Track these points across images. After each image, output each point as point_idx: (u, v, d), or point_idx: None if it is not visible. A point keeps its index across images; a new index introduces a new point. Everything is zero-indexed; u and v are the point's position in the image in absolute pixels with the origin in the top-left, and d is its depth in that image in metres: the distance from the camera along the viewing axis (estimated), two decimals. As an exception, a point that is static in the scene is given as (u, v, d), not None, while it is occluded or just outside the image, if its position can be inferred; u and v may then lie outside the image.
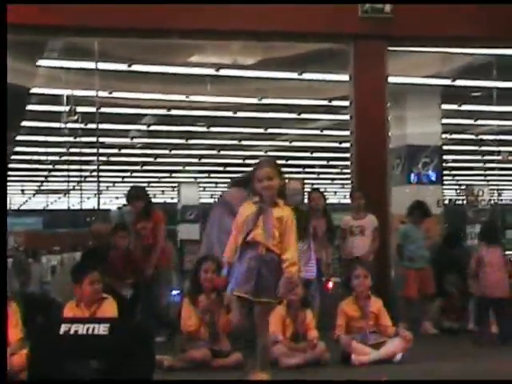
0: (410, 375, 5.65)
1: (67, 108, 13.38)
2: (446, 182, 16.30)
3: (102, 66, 11.00)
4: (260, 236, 5.04)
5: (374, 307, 6.53)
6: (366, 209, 8.55)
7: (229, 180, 31.25)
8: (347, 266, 7.66)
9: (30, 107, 14.29)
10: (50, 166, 23.63)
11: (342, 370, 6.01)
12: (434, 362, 6.31)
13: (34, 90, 13.26)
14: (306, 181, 21.67)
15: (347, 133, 10.05)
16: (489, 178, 22.74)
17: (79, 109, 13.41)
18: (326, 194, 9.65)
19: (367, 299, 6.53)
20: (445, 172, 16.03)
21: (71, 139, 16.18)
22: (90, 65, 10.99)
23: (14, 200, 30.84)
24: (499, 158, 17.70)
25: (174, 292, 12.23)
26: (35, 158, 21.19)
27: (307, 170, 26.00)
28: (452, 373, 5.82)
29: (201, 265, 6.38)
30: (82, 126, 14.58)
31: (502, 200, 22.44)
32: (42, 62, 11.40)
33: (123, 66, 11.51)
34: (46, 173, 26.05)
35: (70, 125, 14.34)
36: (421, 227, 8.88)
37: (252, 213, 5.11)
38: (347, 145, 10.16)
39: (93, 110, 12.55)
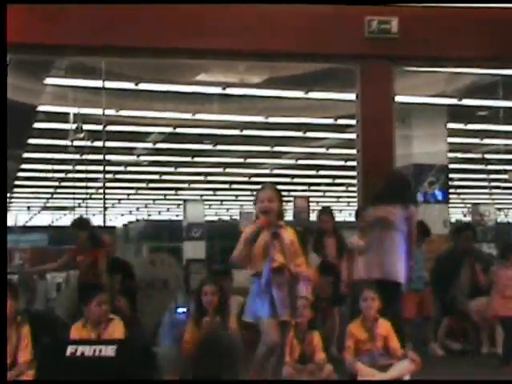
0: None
1: (74, 126, 13.43)
2: (452, 201, 16.27)
3: (108, 84, 11.05)
4: (283, 261, 5.30)
5: (382, 329, 6.49)
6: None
7: (234, 197, 31.44)
8: (356, 287, 7.55)
9: (36, 125, 14.35)
10: (56, 183, 23.68)
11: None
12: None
13: (40, 108, 13.32)
14: (311, 199, 21.76)
15: (353, 151, 10.05)
16: (495, 196, 22.73)
17: (86, 126, 13.46)
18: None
19: (375, 321, 6.50)
20: (451, 191, 16.02)
21: (77, 157, 16.24)
22: (97, 83, 11.04)
23: (20, 217, 30.86)
24: (505, 176, 17.68)
25: (180, 310, 12.21)
26: (41, 175, 21.23)
27: (313, 187, 26.01)
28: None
29: (201, 288, 6.38)
30: (89, 143, 14.63)
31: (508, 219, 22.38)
32: (49, 81, 11.46)
33: (130, 85, 11.56)
34: (52, 190, 26.11)
35: (76, 142, 14.39)
36: (421, 248, 8.74)
37: (266, 237, 5.30)
38: (353, 163, 10.16)
39: (99, 127, 12.60)
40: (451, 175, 16.26)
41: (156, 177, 24.58)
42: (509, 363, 7.03)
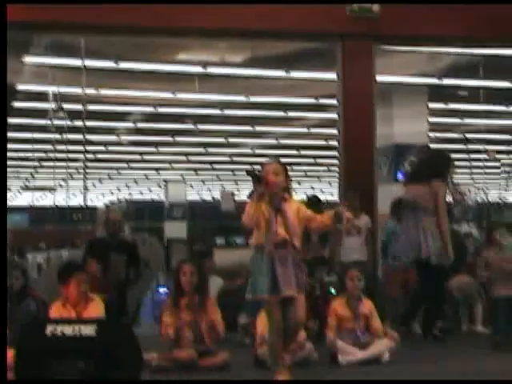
0: (397, 375, 5.66)
1: (53, 105, 13.32)
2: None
3: (88, 63, 10.96)
4: (285, 235, 5.26)
5: (365, 308, 6.54)
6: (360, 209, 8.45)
7: (215, 177, 31.37)
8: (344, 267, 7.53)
9: (15, 104, 14.22)
10: (37, 163, 23.54)
11: (328, 369, 6.01)
12: (422, 363, 6.32)
13: (19, 87, 13.19)
14: (293, 179, 21.71)
15: (334, 131, 10.05)
16: (475, 176, 22.84)
17: (66, 106, 13.36)
18: (312, 191, 9.58)
19: (359, 300, 6.55)
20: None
21: (58, 136, 16.12)
22: (77, 62, 10.96)
23: None
24: (486, 156, 17.79)
25: (161, 290, 12.24)
26: (21, 155, 21.09)
27: (294, 167, 26.02)
28: (439, 373, 5.83)
29: (180, 267, 6.34)
30: (69, 123, 14.52)
31: (488, 198, 22.50)
32: (27, 59, 11.34)
33: (110, 64, 11.47)
34: (32, 170, 25.95)
35: (56, 122, 14.28)
36: None
37: (269, 212, 5.25)
38: (334, 143, 10.17)
39: (79, 107, 12.51)
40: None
41: (137, 157, 24.50)
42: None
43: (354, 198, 8.43)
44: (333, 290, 7.83)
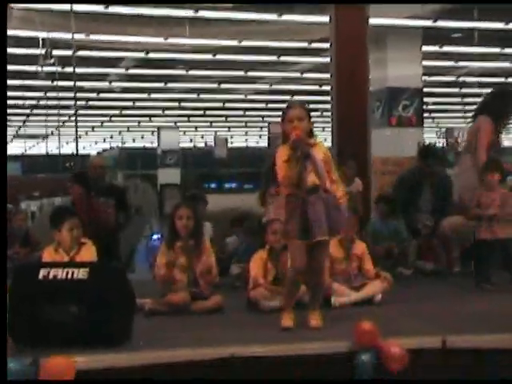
0: (389, 316, 5.70)
1: (43, 51, 13.16)
2: (426, 125, 16.30)
3: (77, 7, 10.79)
4: (317, 181, 5.23)
5: (358, 250, 6.55)
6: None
7: (208, 124, 31.24)
8: None
9: (5, 50, 14.02)
10: (28, 111, 23.37)
11: (322, 311, 6.04)
12: (414, 303, 6.36)
13: (8, 33, 12.98)
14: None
15: (328, 75, 9.96)
16: (469, 120, 22.77)
17: (56, 52, 13.19)
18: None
19: (352, 242, 6.55)
20: (425, 115, 16.03)
21: (49, 83, 15.97)
22: (66, 6, 10.78)
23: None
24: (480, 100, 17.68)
25: (155, 236, 12.27)
26: (12, 102, 20.91)
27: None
28: (431, 313, 5.87)
29: (175, 211, 6.29)
30: (59, 69, 14.37)
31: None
32: (15, 4, 11.14)
33: (100, 8, 11.30)
34: (23, 117, 25.78)
35: (46, 68, 14.12)
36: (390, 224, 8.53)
37: (297, 158, 5.18)
38: (328, 88, 10.09)
39: (69, 53, 12.35)
40: (426, 99, 16.25)
41: (129, 104, 24.35)
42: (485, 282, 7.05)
43: (350, 166, 8.22)
44: None
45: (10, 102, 20.64)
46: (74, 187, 7.92)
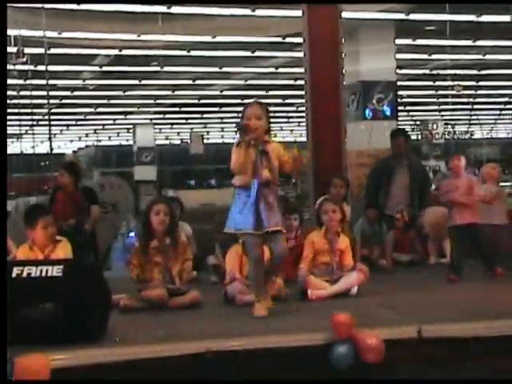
0: (365, 307, 5.72)
1: (15, 49, 13.02)
2: (400, 118, 16.37)
3: (48, 4, 10.70)
4: (270, 176, 5.50)
5: (342, 244, 6.55)
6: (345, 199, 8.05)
7: (184, 120, 31.16)
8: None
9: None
10: (1, 110, 23.13)
11: (299, 304, 6.05)
12: (389, 295, 6.39)
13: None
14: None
15: (302, 70, 9.96)
16: (443, 112, 22.92)
17: (27, 50, 13.06)
18: (282, 132, 9.50)
19: (336, 235, 6.55)
20: (400, 108, 16.09)
21: (21, 82, 15.81)
22: (37, 3, 10.69)
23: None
24: (453, 92, 17.82)
25: (132, 234, 12.22)
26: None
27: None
28: (406, 305, 5.90)
29: (152, 207, 6.22)
30: (32, 67, 14.23)
31: (455, 134, 22.63)
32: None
33: (71, 5, 11.21)
34: (-4, 117, 25.53)
35: (18, 67, 13.98)
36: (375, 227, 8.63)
37: (253, 154, 5.46)
38: (302, 82, 10.08)
39: (42, 51, 12.24)
40: (400, 92, 16.32)
41: (104, 101, 24.21)
42: (458, 273, 7.10)
43: (340, 185, 7.96)
44: None
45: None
46: (65, 176, 7.98)
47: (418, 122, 21.56)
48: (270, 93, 22.81)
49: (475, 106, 25.08)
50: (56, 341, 4.45)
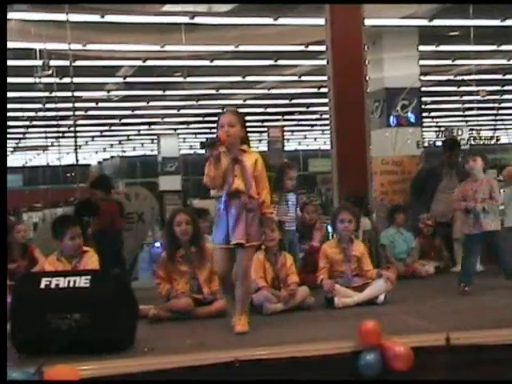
0: (392, 315, 5.70)
1: (40, 62, 13.15)
2: (425, 124, 16.30)
3: (73, 17, 10.79)
4: (241, 186, 5.26)
5: (357, 251, 6.54)
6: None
7: (208, 130, 31.24)
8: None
9: (3, 63, 14.03)
10: (27, 123, 23.37)
11: (325, 312, 6.04)
12: (416, 303, 6.36)
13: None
14: (285, 128, 21.60)
15: (325, 78, 9.96)
16: (468, 118, 22.75)
17: (53, 63, 13.18)
18: (305, 140, 9.49)
19: (350, 243, 6.54)
20: (424, 114, 16.01)
21: (47, 94, 15.96)
22: (61, 17, 10.78)
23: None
24: (478, 97, 17.68)
25: (158, 244, 12.24)
26: (11, 114, 20.90)
27: (286, 117, 25.90)
28: (434, 312, 5.87)
29: (173, 218, 6.25)
30: (57, 80, 14.35)
31: (481, 139, 22.45)
32: (11, 15, 11.15)
33: (95, 17, 11.31)
34: (23, 129, 25.77)
35: (44, 79, 14.11)
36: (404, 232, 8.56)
37: (227, 164, 5.26)
38: (326, 90, 10.09)
39: (67, 63, 12.34)
40: (424, 98, 16.24)
41: (128, 112, 24.34)
42: (470, 283, 6.94)
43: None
44: None
45: (9, 114, 20.64)
46: (97, 192, 8.11)
47: (442, 129, 21.37)
48: (294, 101, 22.80)
49: (500, 111, 24.88)
50: (84, 351, 4.47)
